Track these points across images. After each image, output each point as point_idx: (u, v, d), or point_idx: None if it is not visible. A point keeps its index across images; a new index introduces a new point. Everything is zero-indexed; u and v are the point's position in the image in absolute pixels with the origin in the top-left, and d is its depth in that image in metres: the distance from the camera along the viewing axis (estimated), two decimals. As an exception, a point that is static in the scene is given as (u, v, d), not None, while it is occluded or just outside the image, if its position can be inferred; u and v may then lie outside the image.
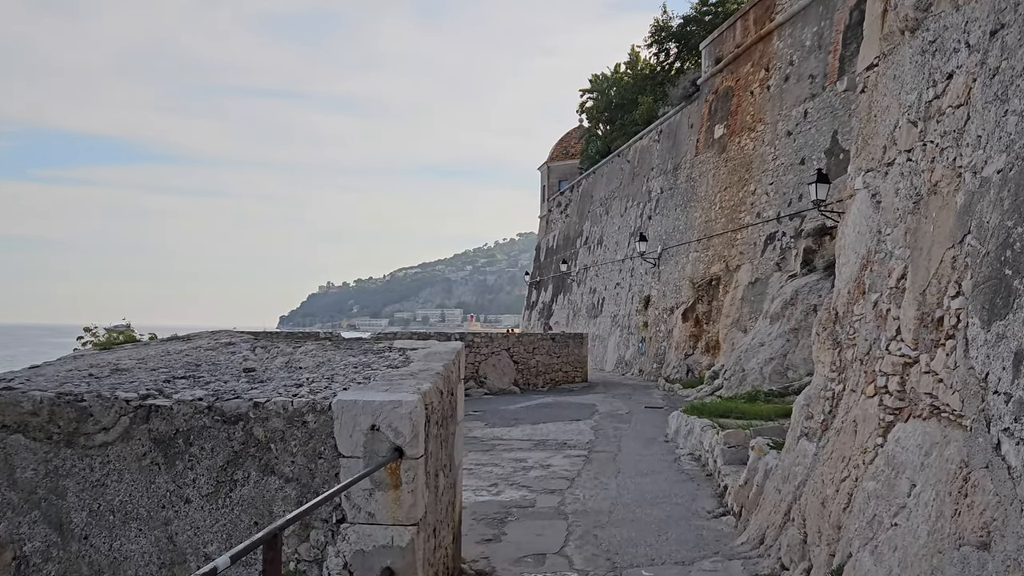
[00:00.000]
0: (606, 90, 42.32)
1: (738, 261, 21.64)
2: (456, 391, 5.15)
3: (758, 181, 21.15)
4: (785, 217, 19.38)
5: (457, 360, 5.19)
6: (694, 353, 23.37)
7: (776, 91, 20.78)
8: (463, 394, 5.48)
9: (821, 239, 17.59)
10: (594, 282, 35.92)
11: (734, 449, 8.19)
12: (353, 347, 5.45)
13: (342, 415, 3.72)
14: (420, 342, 5.91)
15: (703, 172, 25.03)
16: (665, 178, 28.59)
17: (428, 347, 5.36)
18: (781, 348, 17.11)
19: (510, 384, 20.78)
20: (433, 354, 5.00)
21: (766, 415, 12.03)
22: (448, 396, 4.74)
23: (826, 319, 5.55)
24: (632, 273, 30.75)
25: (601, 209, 36.84)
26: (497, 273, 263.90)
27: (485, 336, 20.92)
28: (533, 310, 46.78)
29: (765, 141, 21.07)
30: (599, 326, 33.64)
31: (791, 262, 18.75)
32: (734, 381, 17.90)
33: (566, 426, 13.18)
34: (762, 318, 18.68)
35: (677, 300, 25.41)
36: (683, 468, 9.31)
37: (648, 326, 27.50)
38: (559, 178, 47.56)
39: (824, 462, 4.65)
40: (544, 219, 48.80)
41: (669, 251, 26.94)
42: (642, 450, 10.78)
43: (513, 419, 14.23)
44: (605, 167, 36.99)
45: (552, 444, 11.29)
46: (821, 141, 18.32)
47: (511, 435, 12.19)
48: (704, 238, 24.11)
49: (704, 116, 25.46)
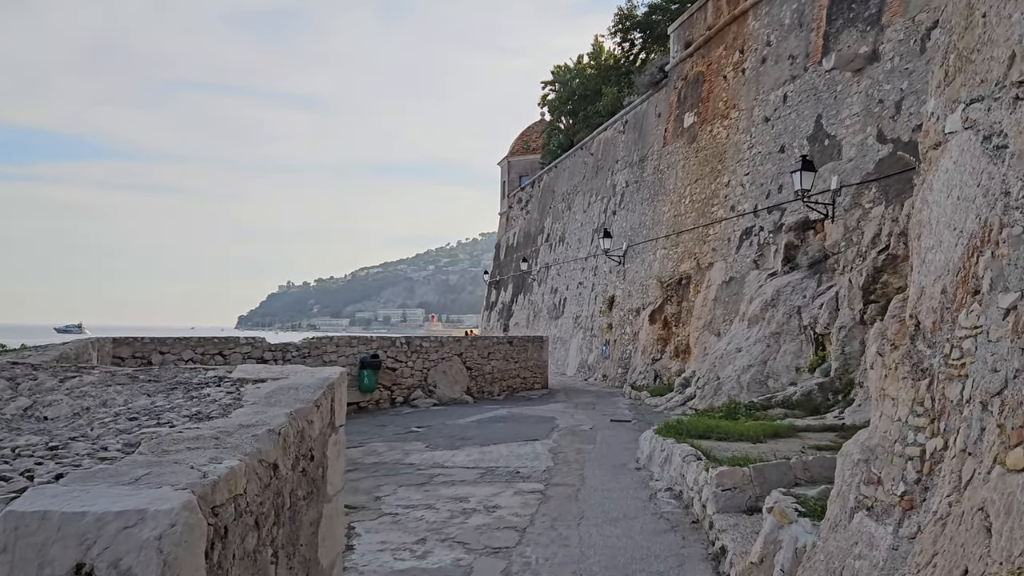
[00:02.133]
0: (568, 82, 40.58)
1: (711, 258, 19.97)
2: (327, 447, 3.23)
3: (732, 172, 19.50)
4: (763, 210, 17.73)
5: (329, 398, 3.27)
6: (662, 358, 21.67)
7: (752, 75, 19.14)
8: (342, 446, 3.54)
9: (804, 233, 15.95)
10: (556, 281, 34.14)
11: (730, 493, 6.39)
12: (161, 379, 3.50)
13: (15, 547, 1.79)
14: (278, 369, 3.98)
15: (672, 164, 23.35)
16: (631, 171, 26.88)
17: (282, 380, 3.44)
18: (761, 354, 15.43)
19: (462, 393, 18.86)
20: (283, 391, 3.10)
21: (753, 435, 10.29)
22: (303, 461, 2.83)
23: (897, 332, 3.77)
24: (596, 272, 29.01)
25: (563, 205, 35.08)
26: (460, 273, 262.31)
27: (434, 340, 18.99)
28: (493, 310, 44.88)
29: (740, 129, 19.43)
30: (560, 328, 31.86)
31: (770, 259, 17.10)
32: (708, 391, 16.18)
33: (521, 448, 11.30)
34: (738, 321, 17.00)
35: (644, 300, 23.70)
36: (661, 510, 7.49)
37: (613, 328, 25.76)
38: (520, 173, 45.72)
39: (921, 569, 2.82)
40: (504, 216, 46.94)
41: (635, 248, 25.22)
42: (610, 482, 8.94)
43: (460, 438, 12.32)
44: (567, 161, 35.22)
45: (502, 474, 9.40)
46: (803, 127, 16.69)
47: (455, 461, 10.28)
48: (673, 234, 22.42)
49: (673, 104, 23.79)
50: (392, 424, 14.23)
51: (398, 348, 17.48)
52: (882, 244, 13.43)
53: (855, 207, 14.48)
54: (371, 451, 11.07)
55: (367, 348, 16.56)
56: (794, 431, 10.99)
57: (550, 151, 40.36)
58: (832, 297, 14.30)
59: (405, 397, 17.47)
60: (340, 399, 3.47)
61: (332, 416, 3.33)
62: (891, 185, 13.56)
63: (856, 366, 13.34)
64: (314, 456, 2.96)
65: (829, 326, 14.18)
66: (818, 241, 15.47)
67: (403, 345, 17.63)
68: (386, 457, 10.59)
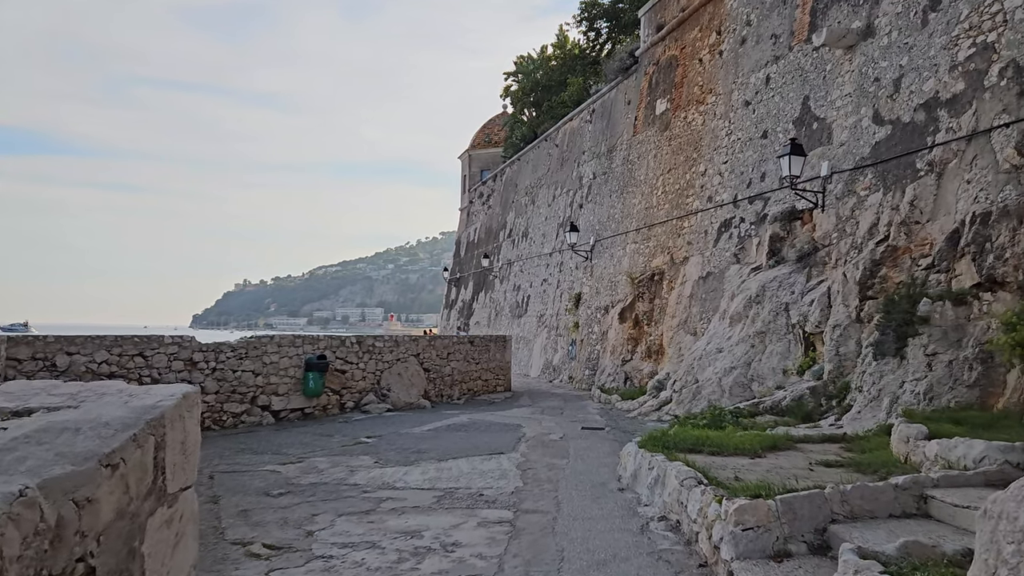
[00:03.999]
0: (532, 72, 39.21)
1: (686, 252, 18.73)
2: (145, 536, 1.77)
3: (709, 160, 18.28)
4: (744, 200, 16.52)
5: (152, 444, 1.80)
6: (633, 359, 20.39)
7: (730, 57, 17.94)
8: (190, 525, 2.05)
9: (791, 224, 14.76)
10: (519, 278, 32.74)
11: (753, 534, 5.03)
12: None
13: None
14: (75, 389, 2.50)
15: (643, 153, 22.09)
16: (598, 162, 25.59)
17: (64, 412, 1.95)
18: (744, 355, 14.20)
19: (419, 397, 17.35)
20: (48, 435, 1.64)
21: (750, 449, 9.01)
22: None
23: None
24: (561, 268, 27.67)
25: (526, 199, 33.70)
26: (419, 272, 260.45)
27: (389, 339, 17.45)
28: (452, 309, 43.35)
29: (717, 114, 18.21)
30: (524, 327, 30.47)
31: (752, 252, 15.90)
32: (686, 395, 14.92)
33: (484, 463, 9.85)
34: (718, 319, 15.77)
35: (613, 298, 22.41)
36: (658, 547, 6.11)
37: (579, 327, 24.44)
38: (481, 167, 44.25)
39: None
40: (464, 211, 45.42)
41: (603, 243, 23.92)
42: (591, 507, 7.55)
43: (415, 451, 10.84)
44: (531, 153, 33.85)
45: (463, 497, 7.96)
46: (788, 110, 15.51)
47: (407, 480, 8.80)
48: (644, 227, 21.16)
49: (644, 91, 22.53)
50: (339, 433, 12.70)
51: (348, 348, 15.92)
52: (880, 235, 12.26)
53: (848, 195, 13.30)
54: (311, 468, 9.54)
55: (313, 348, 14.98)
56: (791, 442, 9.73)
57: (512, 144, 38.98)
58: (824, 293, 13.11)
59: (356, 402, 15.92)
60: (186, 442, 2.01)
61: (161, 476, 1.87)
62: (890, 170, 12.40)
63: (852, 368, 12.15)
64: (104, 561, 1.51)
65: (821, 324, 12.99)
66: (806, 232, 14.28)
67: (354, 345, 16.08)
68: (327, 476, 9.08)
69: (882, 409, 10.77)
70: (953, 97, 11.37)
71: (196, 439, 2.14)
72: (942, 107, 11.56)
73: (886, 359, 11.08)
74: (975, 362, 10.02)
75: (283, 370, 14.28)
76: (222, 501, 7.72)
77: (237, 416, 13.32)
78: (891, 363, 10.99)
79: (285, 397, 14.27)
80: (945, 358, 10.32)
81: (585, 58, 36.09)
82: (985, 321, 10.20)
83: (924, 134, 11.81)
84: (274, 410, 14.03)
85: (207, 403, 12.84)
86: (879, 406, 10.87)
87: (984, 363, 9.97)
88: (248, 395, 13.58)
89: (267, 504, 7.63)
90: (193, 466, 2.09)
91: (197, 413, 2.18)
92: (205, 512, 7.26)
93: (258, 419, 13.64)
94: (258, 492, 8.16)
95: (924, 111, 11.89)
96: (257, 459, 10.15)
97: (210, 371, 12.94)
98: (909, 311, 10.89)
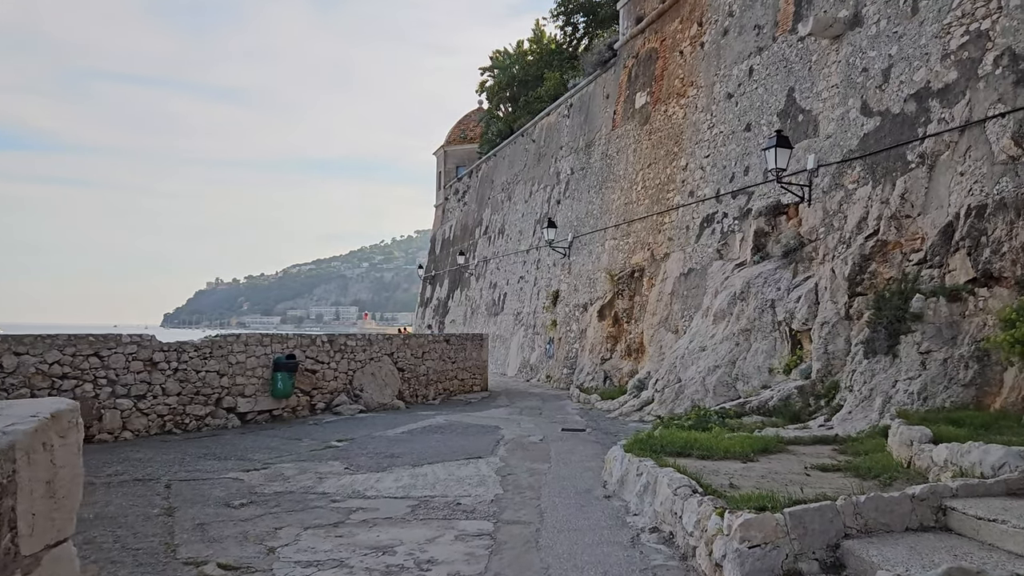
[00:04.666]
0: (508, 67, 38.68)
1: (666, 249, 18.32)
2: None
3: (691, 154, 17.88)
4: (727, 194, 16.13)
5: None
6: (612, 357, 19.96)
7: (712, 48, 17.54)
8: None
9: (776, 219, 14.38)
10: (495, 276, 32.22)
11: (760, 552, 4.56)
12: None
13: None
14: None
15: (622, 148, 21.66)
16: (576, 157, 25.13)
17: None
18: (729, 354, 13.79)
19: (393, 398, 16.78)
20: None
21: (740, 452, 8.59)
22: None
23: None
24: (538, 265, 27.18)
25: (503, 195, 33.18)
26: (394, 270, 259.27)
27: (362, 338, 16.84)
28: (427, 307, 42.73)
29: (699, 107, 17.81)
30: (500, 325, 29.96)
31: (735, 248, 15.51)
32: (668, 395, 14.50)
33: (461, 469, 9.33)
34: (701, 316, 15.36)
35: (591, 295, 21.96)
36: (651, 563, 5.63)
37: (557, 325, 23.97)
38: (456, 163, 43.66)
39: None
40: (440, 208, 44.81)
41: (582, 239, 23.47)
42: (577, 517, 7.06)
43: (388, 455, 10.28)
44: (507, 148, 33.34)
45: (439, 507, 7.43)
46: (772, 102, 15.13)
47: (380, 488, 8.25)
48: (624, 223, 20.73)
49: (623, 84, 22.10)
50: (308, 437, 12.11)
51: (319, 347, 15.31)
52: (870, 229, 11.89)
53: (836, 188, 12.93)
54: (277, 475, 8.96)
55: (282, 347, 14.35)
56: (783, 445, 9.31)
57: (488, 140, 38.44)
58: (811, 289, 12.73)
59: (327, 403, 15.32)
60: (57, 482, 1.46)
61: (10, 533, 1.31)
62: (879, 163, 12.03)
63: (841, 367, 11.78)
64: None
65: (808, 322, 12.61)
66: (792, 227, 13.90)
67: (325, 344, 15.47)
68: (294, 483, 8.51)
69: (874, 409, 10.39)
70: (945, 87, 11.02)
71: (75, 475, 1.58)
72: (934, 97, 11.21)
73: (877, 357, 10.71)
74: (971, 360, 9.67)
75: (250, 370, 13.65)
76: (177, 513, 7.13)
77: (201, 419, 12.67)
78: (883, 361, 10.61)
79: (252, 399, 13.64)
80: (939, 356, 9.96)
81: (562, 53, 35.63)
82: (981, 318, 9.85)
83: (915, 125, 11.45)
84: (240, 412, 13.40)
85: (168, 405, 12.18)
86: (871, 406, 10.50)
87: (980, 361, 9.62)
88: (213, 397, 12.94)
89: (227, 516, 7.06)
90: (70, 512, 1.53)
91: (76, 438, 1.61)
92: (158, 526, 6.69)
93: (223, 422, 13.00)
94: (218, 503, 7.57)
95: (915, 101, 11.54)
96: (220, 465, 9.54)
97: (171, 372, 12.28)
98: (901, 308, 10.52)
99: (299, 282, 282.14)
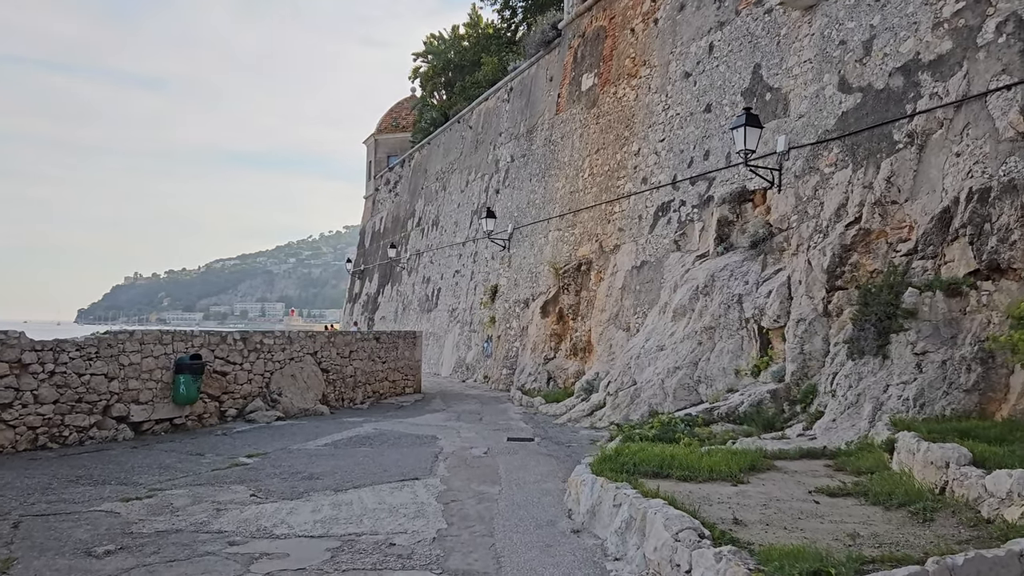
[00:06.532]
0: (443, 52, 37.01)
1: (616, 240, 17.01)
2: None
3: (643, 138, 16.60)
4: (684, 181, 14.88)
5: None
6: (556, 356, 18.57)
7: (667, 24, 16.30)
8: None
9: (741, 206, 13.18)
10: (428, 270, 30.54)
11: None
12: None
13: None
14: None
15: (566, 133, 20.29)
16: (517, 144, 23.67)
17: None
18: (690, 354, 12.53)
19: (316, 402, 15.03)
20: None
21: (726, 472, 7.29)
22: None
23: None
24: (475, 258, 25.64)
25: (437, 185, 31.51)
26: (323, 266, 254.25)
27: (281, 336, 15.02)
28: (356, 303, 40.72)
29: (652, 88, 16.55)
30: (434, 322, 28.31)
31: (694, 238, 14.27)
32: (623, 399, 13.16)
33: (395, 494, 7.74)
34: (658, 313, 14.07)
35: (534, 290, 20.55)
36: (654, 639, 4.18)
37: (496, 322, 22.48)
38: (388, 153, 41.74)
39: None
40: (370, 199, 42.80)
41: (523, 231, 22.03)
42: (542, 563, 5.58)
43: (306, 476, 8.61)
44: (442, 136, 31.68)
45: (367, 550, 5.86)
46: (735, 80, 13.93)
47: (292, 524, 6.61)
48: (569, 213, 19.36)
49: (568, 65, 20.74)
50: (213, 451, 10.34)
51: (230, 346, 13.47)
52: (850, 216, 10.75)
53: (810, 172, 11.77)
54: (163, 506, 7.22)
55: (186, 345, 12.48)
56: (768, 460, 8.04)
57: (422, 128, 36.70)
58: (783, 283, 11.54)
59: (240, 409, 13.50)
60: None
61: None
62: (860, 143, 10.90)
63: (819, 368, 10.61)
64: None
65: (780, 319, 11.41)
66: (760, 215, 12.71)
67: (237, 342, 13.63)
68: (184, 518, 6.79)
69: (862, 417, 9.22)
70: (938, 58, 9.93)
71: None
72: (924, 70, 10.10)
73: (865, 359, 9.54)
74: (974, 362, 8.56)
75: (147, 372, 11.76)
76: (15, 569, 5.37)
77: (83, 431, 10.74)
78: (871, 363, 9.45)
79: (149, 405, 11.75)
80: (937, 357, 8.83)
81: (500, 38, 34.14)
82: (985, 315, 8.76)
83: (902, 101, 10.34)
84: (134, 422, 11.50)
85: (41, 415, 10.23)
86: (858, 413, 9.32)
87: (984, 364, 8.53)
88: (99, 404, 11.01)
89: (84, 571, 5.34)
90: None
91: None
92: (-17, 590, 4.94)
93: (112, 434, 11.09)
94: (77, 550, 5.83)
95: (902, 75, 10.42)
96: (93, 492, 7.73)
97: (47, 375, 10.32)
98: (892, 303, 9.37)
99: (223, 277, 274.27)
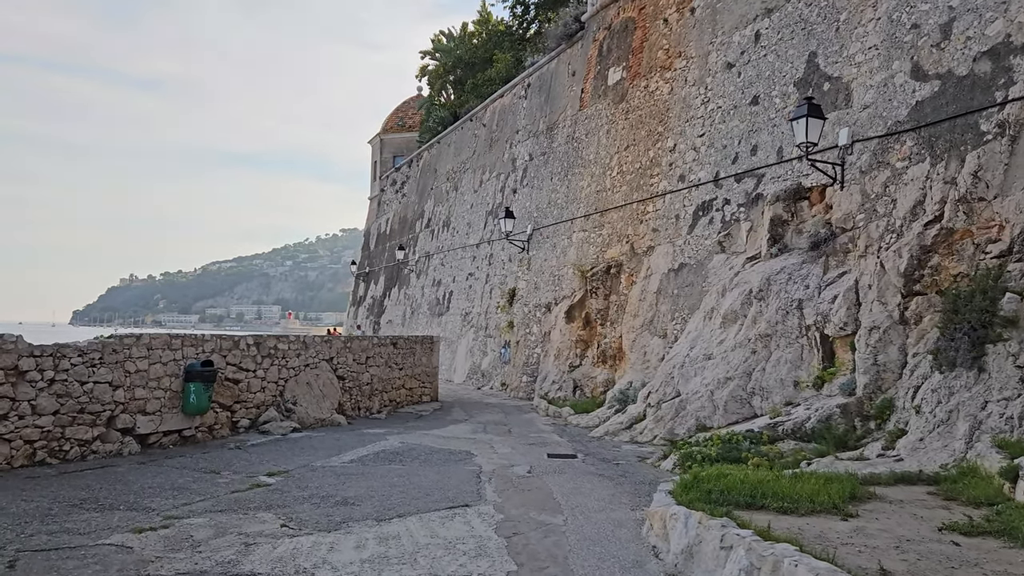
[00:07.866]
0: (452, 50, 36.09)
1: (650, 241, 16.06)
2: None
3: (680, 134, 15.67)
4: (728, 178, 13.95)
5: None
6: (583, 364, 17.61)
7: (705, 13, 15.38)
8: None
9: (796, 205, 12.24)
10: (439, 272, 29.56)
11: None
12: None
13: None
14: None
15: (591, 129, 19.36)
16: (536, 141, 22.74)
17: None
18: (743, 364, 11.57)
19: (332, 411, 14.05)
20: None
21: (827, 502, 6.44)
22: None
23: None
24: (491, 260, 24.67)
25: (448, 185, 30.55)
26: (319, 269, 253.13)
27: (296, 341, 14.03)
28: (360, 306, 39.72)
29: (689, 80, 15.62)
30: (446, 326, 27.32)
31: (741, 239, 13.33)
32: (667, 411, 12.20)
33: (446, 525, 6.76)
34: (702, 318, 13.12)
35: (556, 294, 19.58)
36: None
37: (514, 327, 21.51)
38: (394, 153, 40.80)
39: None
40: (375, 200, 41.82)
41: (543, 231, 21.08)
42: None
43: (340, 501, 7.63)
44: (453, 135, 30.74)
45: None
46: (787, 70, 13.01)
47: (336, 564, 5.64)
48: (595, 213, 18.42)
49: (592, 59, 19.82)
50: (230, 468, 9.35)
51: (243, 352, 12.49)
52: (929, 215, 9.81)
53: (878, 167, 10.83)
54: (182, 539, 6.23)
55: (197, 351, 11.50)
56: (863, 487, 7.08)
57: (429, 128, 35.73)
58: (850, 287, 10.60)
59: (253, 420, 12.52)
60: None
61: None
62: (940, 135, 9.96)
63: (895, 381, 9.65)
64: None
65: (847, 326, 10.46)
66: (819, 214, 11.78)
67: (251, 347, 12.65)
68: (207, 555, 5.81)
69: (956, 437, 8.27)
70: (1034, 40, 9.01)
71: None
72: (1017, 53, 9.18)
73: (956, 371, 8.60)
74: (1089, 377, 7.63)
75: (154, 380, 10.77)
76: (11, 629, 4.39)
77: (86, 444, 9.75)
78: (964, 377, 8.51)
79: (157, 416, 10.76)
80: (1045, 371, 7.90)
81: (512, 35, 33.21)
82: (1101, 323, 7.84)
83: (991, 88, 9.41)
84: (141, 434, 10.51)
85: (40, 428, 9.23)
86: (951, 433, 8.37)
87: (1103, 378, 7.59)
88: (103, 415, 10.02)
89: (95, 630, 4.37)
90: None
91: None
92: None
93: (116, 447, 10.10)
94: (85, 599, 4.85)
95: (989, 60, 9.50)
96: (100, 520, 6.74)
97: (46, 384, 9.33)
98: (987, 310, 8.43)
99: (219, 280, 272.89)
